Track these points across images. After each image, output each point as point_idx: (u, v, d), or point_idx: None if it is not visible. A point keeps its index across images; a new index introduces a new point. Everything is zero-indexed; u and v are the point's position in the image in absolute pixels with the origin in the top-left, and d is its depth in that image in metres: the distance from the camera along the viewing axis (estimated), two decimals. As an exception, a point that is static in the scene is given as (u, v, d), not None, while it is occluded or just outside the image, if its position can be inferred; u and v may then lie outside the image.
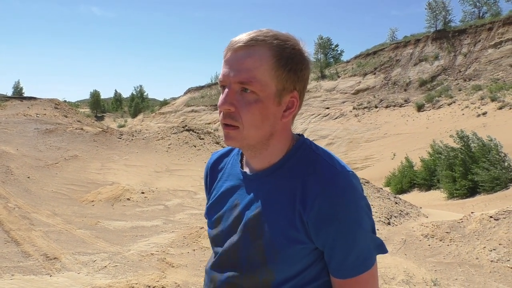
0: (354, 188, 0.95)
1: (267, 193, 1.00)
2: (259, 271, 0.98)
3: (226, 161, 1.17)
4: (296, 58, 0.96)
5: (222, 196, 1.11)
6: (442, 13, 48.66)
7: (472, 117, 32.74)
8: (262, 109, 0.94)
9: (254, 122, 0.95)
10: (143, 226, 6.29)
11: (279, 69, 0.94)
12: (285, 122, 1.00)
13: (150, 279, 4.16)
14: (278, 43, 0.94)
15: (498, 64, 39.20)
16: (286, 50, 0.95)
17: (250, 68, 0.93)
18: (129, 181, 9.19)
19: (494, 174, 15.04)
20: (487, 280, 4.72)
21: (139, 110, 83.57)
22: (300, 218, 0.95)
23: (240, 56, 0.94)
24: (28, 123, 14.96)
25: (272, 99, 0.95)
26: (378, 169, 28.73)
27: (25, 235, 5.33)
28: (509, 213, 5.97)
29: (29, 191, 7.88)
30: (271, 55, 0.94)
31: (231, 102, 0.95)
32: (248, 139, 0.98)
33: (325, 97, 49.38)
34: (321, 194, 0.92)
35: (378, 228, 6.70)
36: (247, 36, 0.95)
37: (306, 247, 0.96)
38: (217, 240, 1.09)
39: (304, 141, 1.05)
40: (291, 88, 0.97)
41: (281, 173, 1.01)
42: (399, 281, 4.52)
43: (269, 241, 0.96)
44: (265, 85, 0.94)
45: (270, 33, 0.96)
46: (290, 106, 0.99)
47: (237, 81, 0.93)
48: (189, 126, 14.15)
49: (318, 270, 0.99)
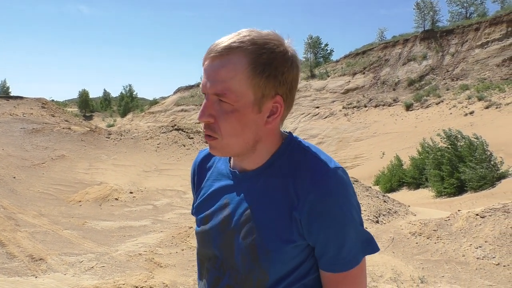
0: (345, 184, 0.95)
1: (258, 192, 1.00)
2: (253, 271, 0.97)
3: (215, 160, 1.16)
4: (276, 62, 0.91)
5: (211, 195, 1.10)
6: (430, 13, 49.21)
7: (459, 116, 33.17)
8: (239, 119, 0.92)
9: (233, 131, 0.93)
10: (131, 226, 6.24)
11: (256, 77, 0.90)
12: (270, 127, 0.98)
13: (137, 279, 4.12)
14: (254, 48, 0.90)
15: (485, 64, 39.77)
16: (263, 56, 0.90)
17: (224, 79, 0.90)
18: (117, 181, 9.11)
19: (481, 173, 15.24)
20: (473, 277, 4.78)
21: (128, 110, 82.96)
22: (292, 215, 0.94)
23: (215, 66, 0.91)
24: (14, 123, 14.75)
25: (250, 107, 0.92)
26: (368, 168, 28.95)
27: (10, 236, 5.25)
28: (494, 210, 6.04)
29: (14, 192, 7.77)
30: (246, 63, 0.90)
31: (209, 113, 0.93)
32: (230, 148, 0.96)
33: (315, 96, 49.58)
34: (313, 191, 0.92)
35: (366, 227, 6.73)
36: (223, 43, 0.91)
37: (298, 245, 0.95)
38: (205, 239, 1.08)
39: (292, 139, 1.04)
40: (272, 94, 0.93)
41: (271, 171, 1.00)
42: (387, 278, 4.55)
43: (261, 240, 0.96)
44: (240, 95, 0.91)
45: (248, 37, 0.91)
46: (274, 111, 0.96)
47: (212, 92, 0.92)
48: (178, 125, 14.09)
49: (308, 268, 0.99)
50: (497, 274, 4.80)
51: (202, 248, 1.10)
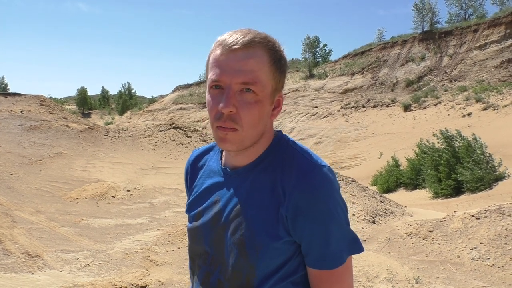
0: (330, 181, 0.97)
1: (247, 189, 1.02)
2: (242, 266, 0.99)
3: (207, 158, 1.19)
4: (283, 59, 1.01)
5: (203, 192, 1.12)
6: (429, 14, 49.22)
7: (457, 118, 33.21)
8: (260, 109, 0.97)
9: (253, 122, 0.97)
10: (128, 224, 6.25)
11: (275, 71, 0.98)
12: (272, 120, 1.05)
13: (133, 277, 4.13)
14: (271, 45, 0.98)
15: (483, 65, 39.81)
16: (277, 53, 0.99)
17: (253, 69, 0.94)
18: (114, 179, 9.11)
19: (478, 175, 15.26)
20: (468, 278, 4.80)
21: (126, 108, 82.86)
22: (279, 211, 0.96)
23: (240, 57, 0.94)
24: (12, 120, 14.71)
25: (268, 99, 0.98)
26: (365, 168, 28.98)
27: (6, 232, 5.25)
28: (490, 212, 6.07)
29: (12, 188, 7.76)
30: (268, 57, 0.97)
31: (233, 103, 0.94)
32: (246, 140, 0.98)
33: (313, 96, 49.58)
34: (298, 187, 0.94)
35: (363, 227, 6.76)
36: (244, 38, 0.95)
37: (285, 241, 0.97)
38: (196, 235, 1.10)
39: (282, 137, 1.08)
40: (280, 88, 1.02)
41: (260, 168, 1.03)
42: (382, 279, 4.57)
43: (249, 236, 0.98)
44: (265, 85, 0.96)
45: (262, 34, 0.99)
46: (277, 105, 1.03)
47: (240, 81, 0.93)
48: (176, 123, 14.07)
49: (297, 264, 1.01)
50: (492, 275, 4.82)
51: (194, 245, 1.12)
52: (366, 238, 6.16)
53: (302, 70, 58.32)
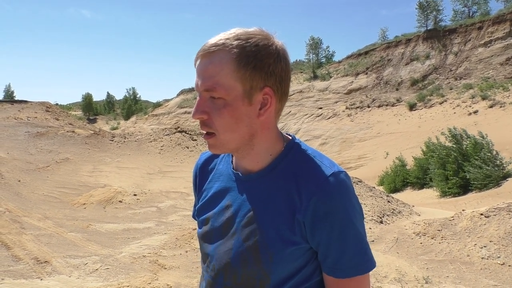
0: (348, 187, 0.96)
1: (261, 195, 1.01)
2: (255, 273, 0.98)
3: (216, 162, 1.17)
4: (260, 54, 0.93)
5: (213, 196, 1.10)
6: (433, 12, 49.07)
7: (463, 116, 33.03)
8: (232, 113, 0.94)
9: (228, 126, 0.95)
10: (135, 228, 6.26)
11: (241, 70, 0.92)
12: (264, 120, 0.99)
13: (142, 281, 4.14)
14: (238, 43, 0.93)
15: (488, 62, 39.60)
16: (246, 49, 0.93)
17: (212, 74, 0.93)
18: (121, 183, 9.14)
19: (486, 172, 15.14)
20: (478, 277, 4.76)
21: (132, 112, 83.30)
22: (296, 218, 0.95)
23: (204, 64, 0.94)
24: (19, 127, 14.82)
25: (240, 100, 0.94)
26: (372, 168, 28.88)
27: (15, 239, 5.28)
28: (499, 210, 6.02)
29: (19, 195, 7.80)
30: (231, 57, 0.92)
31: (203, 110, 0.95)
32: (228, 143, 0.98)
33: (318, 97, 49.55)
34: (316, 193, 0.93)
35: (370, 227, 6.72)
36: (209, 42, 0.95)
37: (300, 247, 0.96)
38: (206, 240, 1.09)
39: (295, 142, 1.05)
40: (260, 86, 0.95)
41: (274, 174, 1.01)
42: (391, 279, 4.54)
43: (264, 242, 0.97)
44: (229, 88, 0.93)
45: (233, 34, 0.95)
46: (265, 103, 0.97)
47: (203, 89, 0.95)
48: (181, 127, 14.11)
49: (311, 271, 0.99)
50: (502, 274, 4.78)
51: (203, 250, 1.11)
52: (374, 238, 6.13)
53: (306, 71, 58.33)
